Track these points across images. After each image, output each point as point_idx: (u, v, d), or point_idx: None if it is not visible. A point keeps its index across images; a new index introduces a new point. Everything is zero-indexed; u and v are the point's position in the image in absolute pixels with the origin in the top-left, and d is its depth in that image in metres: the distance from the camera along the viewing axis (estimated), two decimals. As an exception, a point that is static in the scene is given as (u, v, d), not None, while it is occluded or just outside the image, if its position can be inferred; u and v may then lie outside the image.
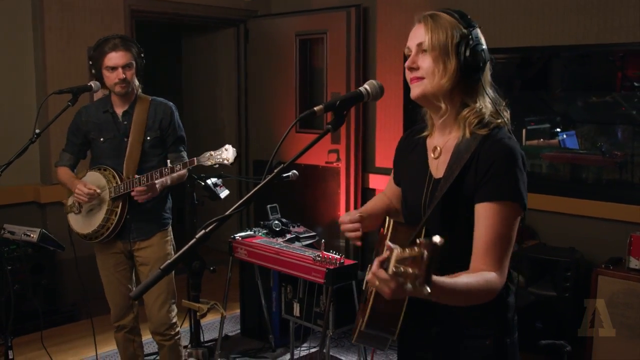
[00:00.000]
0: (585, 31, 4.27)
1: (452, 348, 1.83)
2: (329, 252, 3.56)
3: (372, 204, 2.18)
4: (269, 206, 4.59)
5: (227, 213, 1.56)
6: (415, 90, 1.79)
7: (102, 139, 3.40)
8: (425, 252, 1.25)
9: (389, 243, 1.42)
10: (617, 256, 3.82)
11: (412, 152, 1.98)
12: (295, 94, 6.01)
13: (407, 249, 1.31)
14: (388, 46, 5.43)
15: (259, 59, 6.31)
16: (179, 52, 7.34)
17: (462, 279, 1.57)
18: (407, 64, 1.79)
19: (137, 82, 3.41)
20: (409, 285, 1.28)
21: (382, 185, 5.85)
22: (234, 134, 6.69)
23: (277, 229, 4.36)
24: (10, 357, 3.41)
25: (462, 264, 1.70)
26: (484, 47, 1.76)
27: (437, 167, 1.84)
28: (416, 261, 1.27)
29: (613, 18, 4.14)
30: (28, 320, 4.55)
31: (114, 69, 3.25)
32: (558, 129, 4.84)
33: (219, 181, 3.82)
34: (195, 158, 3.09)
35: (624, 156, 5.05)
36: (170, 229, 3.56)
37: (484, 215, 1.68)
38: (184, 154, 3.49)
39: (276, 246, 3.81)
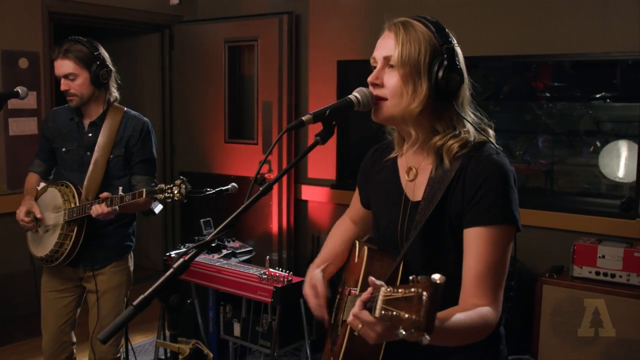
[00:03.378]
0: (506, 43, 4.30)
1: None
2: (274, 268, 3.38)
3: (332, 244, 1.97)
4: (202, 220, 4.36)
5: (207, 238, 1.37)
6: (378, 114, 1.59)
7: (64, 149, 3.06)
8: (425, 294, 1.08)
9: (373, 279, 1.25)
10: (558, 265, 3.84)
11: (380, 172, 1.79)
12: (224, 102, 5.79)
13: (398, 288, 1.13)
14: (321, 54, 5.32)
15: (185, 67, 6.05)
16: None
17: (459, 319, 1.37)
18: (370, 78, 1.60)
19: (113, 91, 3.09)
20: (402, 332, 1.10)
21: (315, 196, 5.77)
22: (159, 145, 6.35)
23: (213, 245, 4.13)
24: None
25: (448, 297, 1.54)
26: (461, 66, 1.57)
27: (414, 189, 1.66)
28: (412, 304, 1.10)
29: (529, 31, 4.18)
30: None
31: (61, 78, 2.94)
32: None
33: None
34: (144, 190, 2.81)
35: (549, 165, 5.16)
36: (130, 256, 3.22)
37: (475, 242, 1.51)
38: (154, 179, 3.14)
39: (217, 264, 3.59)
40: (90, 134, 3.04)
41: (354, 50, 5.12)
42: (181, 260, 1.29)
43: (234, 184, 3.49)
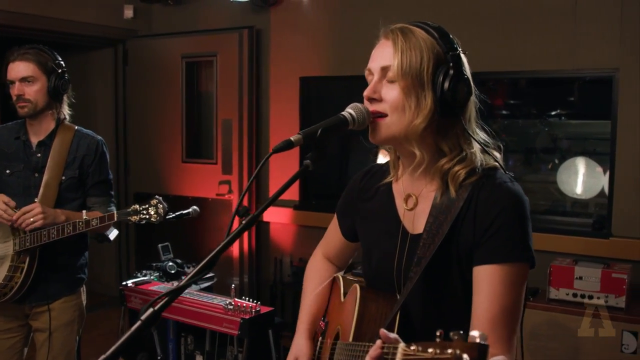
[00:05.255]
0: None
1: None
2: (240, 298, 3.16)
3: (311, 289, 1.74)
4: (160, 245, 4.12)
5: (181, 284, 1.16)
6: (377, 133, 1.39)
7: (8, 171, 2.78)
8: (467, 358, 0.86)
9: (386, 333, 1.04)
10: (533, 287, 3.73)
11: (372, 199, 1.59)
12: (181, 120, 5.55)
13: (426, 347, 0.91)
14: (283, 70, 5.16)
15: (140, 83, 5.79)
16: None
17: None
18: (366, 92, 1.41)
19: (66, 109, 2.86)
20: None
21: (277, 218, 5.55)
22: (112, 164, 6.06)
23: (172, 271, 3.89)
24: None
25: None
26: (468, 76, 1.39)
27: (414, 219, 1.47)
28: None
29: (484, 48, 4.11)
30: None
31: (12, 82, 2.69)
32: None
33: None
34: (115, 212, 2.58)
35: (522, 184, 5.09)
36: (82, 290, 2.95)
37: (488, 281, 1.33)
38: (111, 200, 2.93)
39: (178, 293, 3.34)
40: (38, 154, 2.80)
41: (317, 67, 4.98)
42: (150, 310, 1.08)
43: (195, 207, 3.29)
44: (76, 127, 2.89)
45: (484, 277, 1.34)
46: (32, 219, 2.59)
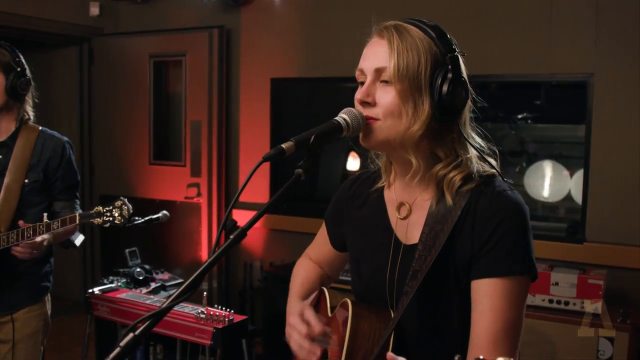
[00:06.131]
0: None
1: None
2: (213, 306, 3.05)
3: (304, 279, 1.63)
4: (127, 250, 3.99)
5: (163, 306, 1.07)
6: (370, 138, 1.31)
7: None
8: None
9: (393, 356, 1.01)
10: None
11: (362, 207, 1.51)
12: (149, 121, 5.41)
13: None
14: (253, 71, 5.06)
15: (106, 83, 5.62)
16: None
17: None
18: (359, 95, 1.32)
19: (29, 109, 2.73)
20: None
21: (247, 221, 5.37)
22: (77, 166, 5.85)
23: (140, 278, 3.76)
24: None
25: (450, 348, 1.31)
26: (465, 79, 1.33)
27: (407, 229, 1.39)
28: None
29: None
30: None
31: None
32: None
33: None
34: (77, 214, 2.46)
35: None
36: (47, 298, 2.81)
37: (489, 296, 1.26)
38: (77, 204, 2.82)
39: (147, 301, 3.22)
40: (0, 157, 2.65)
41: (289, 68, 4.89)
42: (130, 335, 0.98)
43: (165, 212, 3.19)
44: (40, 128, 2.76)
45: (484, 291, 1.27)
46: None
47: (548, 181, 4.67)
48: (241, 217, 5.15)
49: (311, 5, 4.76)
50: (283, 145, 1.18)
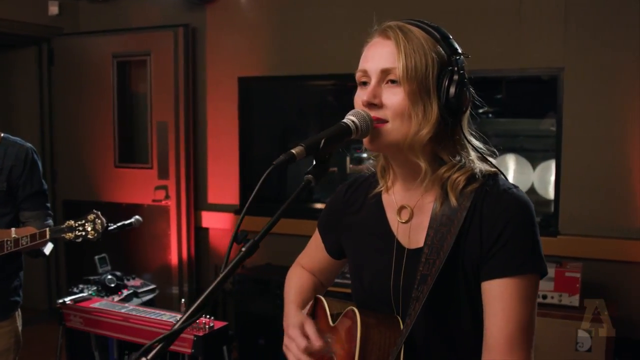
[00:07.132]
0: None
1: None
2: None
3: (300, 288, 1.58)
4: (97, 257, 3.87)
5: (174, 328, 0.99)
6: (378, 141, 1.27)
7: None
8: None
9: None
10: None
11: (359, 212, 1.47)
12: (113, 123, 5.27)
13: None
14: (220, 70, 4.97)
15: (67, 84, 5.45)
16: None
17: None
18: (365, 97, 1.26)
19: None
20: None
21: (217, 223, 5.35)
22: (38, 171, 5.72)
23: (112, 285, 3.65)
24: None
25: (463, 350, 1.30)
26: (467, 80, 1.31)
27: (410, 233, 1.35)
28: None
29: None
30: None
31: None
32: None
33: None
34: (47, 229, 2.35)
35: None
36: (17, 314, 2.68)
37: (500, 297, 1.23)
38: (48, 215, 2.68)
39: (123, 310, 3.10)
40: None
41: (256, 66, 4.82)
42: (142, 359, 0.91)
43: (137, 217, 3.09)
44: (2, 135, 2.63)
45: (495, 292, 1.24)
46: None
47: (512, 174, 4.70)
48: (210, 219, 5.07)
49: (277, 2, 4.70)
50: (293, 151, 1.12)
